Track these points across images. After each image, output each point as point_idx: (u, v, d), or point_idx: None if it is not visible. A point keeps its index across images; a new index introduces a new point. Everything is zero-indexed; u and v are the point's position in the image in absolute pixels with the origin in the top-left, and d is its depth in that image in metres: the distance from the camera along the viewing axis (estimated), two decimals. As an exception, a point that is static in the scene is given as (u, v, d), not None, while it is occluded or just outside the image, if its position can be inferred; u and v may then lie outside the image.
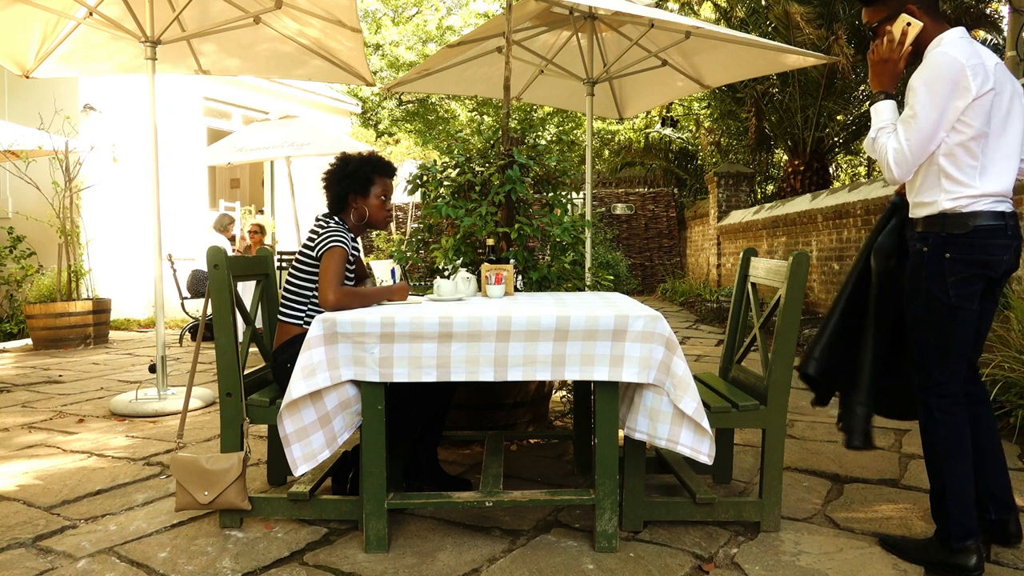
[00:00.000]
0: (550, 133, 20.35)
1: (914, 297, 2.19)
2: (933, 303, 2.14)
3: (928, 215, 2.15)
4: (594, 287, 4.16)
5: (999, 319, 4.04)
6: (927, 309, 2.16)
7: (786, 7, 9.98)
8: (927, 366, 2.19)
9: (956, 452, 2.15)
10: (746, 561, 2.22)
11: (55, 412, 4.39)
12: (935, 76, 2.06)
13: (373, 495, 2.31)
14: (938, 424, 2.17)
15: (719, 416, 2.46)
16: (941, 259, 2.11)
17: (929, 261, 2.14)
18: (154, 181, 4.58)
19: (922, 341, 2.19)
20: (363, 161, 2.84)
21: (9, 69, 5.21)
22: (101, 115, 9.22)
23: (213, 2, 4.99)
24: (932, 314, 2.15)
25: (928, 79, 2.06)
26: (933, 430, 2.18)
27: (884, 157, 2.12)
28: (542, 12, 4.78)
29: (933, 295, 2.14)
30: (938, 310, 2.14)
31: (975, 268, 2.10)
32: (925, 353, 2.19)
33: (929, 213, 2.14)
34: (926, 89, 2.05)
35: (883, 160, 2.12)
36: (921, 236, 2.17)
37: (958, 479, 2.14)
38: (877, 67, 2.20)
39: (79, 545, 2.37)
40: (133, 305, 9.69)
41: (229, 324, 2.45)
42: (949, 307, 2.12)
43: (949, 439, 2.16)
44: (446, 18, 22.49)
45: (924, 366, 2.20)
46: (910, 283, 2.21)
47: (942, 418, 2.16)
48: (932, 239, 2.14)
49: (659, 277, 14.72)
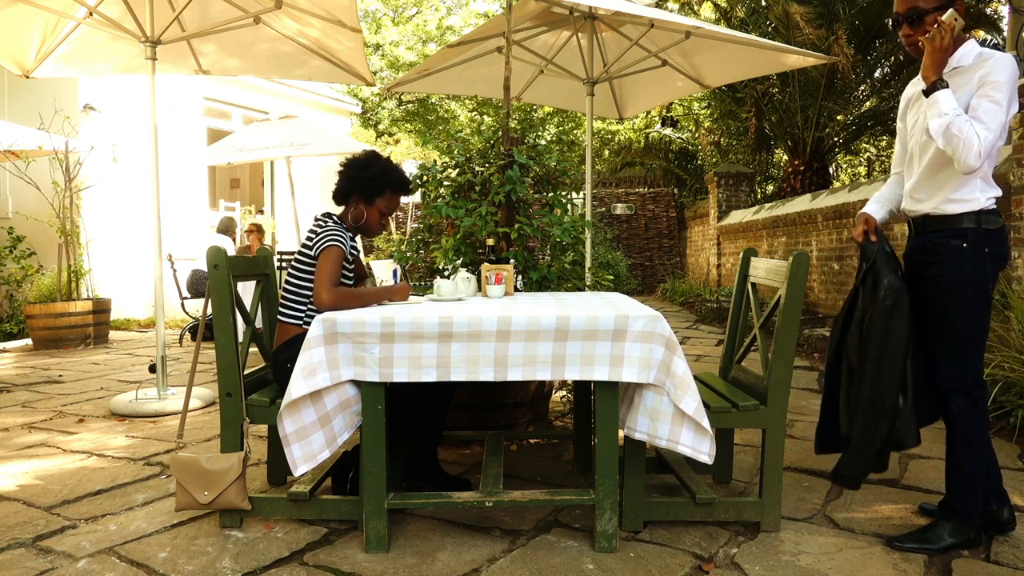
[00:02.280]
0: (550, 133, 20.36)
1: (956, 292, 2.25)
2: (977, 295, 2.24)
3: (966, 212, 2.24)
4: (594, 287, 4.16)
5: (999, 319, 4.04)
6: (970, 302, 2.24)
7: (786, 7, 9.97)
8: (966, 357, 2.27)
9: (987, 438, 2.32)
10: (746, 561, 2.22)
11: (55, 412, 4.39)
12: (1012, 77, 2.15)
13: (373, 495, 2.31)
14: (979, 412, 2.27)
15: (719, 416, 2.46)
16: (982, 253, 2.23)
17: (971, 256, 2.23)
18: (154, 181, 4.58)
19: (963, 333, 2.26)
20: (382, 171, 2.78)
21: (9, 69, 5.21)
22: (101, 115, 9.22)
23: (213, 2, 4.99)
24: (974, 305, 2.24)
25: (1010, 78, 2.14)
26: (976, 418, 2.27)
27: (970, 143, 2.10)
28: (542, 12, 4.78)
29: (978, 287, 2.24)
30: (980, 301, 2.24)
31: (1001, 262, 2.27)
32: (965, 345, 2.27)
33: (968, 210, 2.23)
34: (1008, 86, 2.14)
35: (967, 146, 2.10)
36: (959, 232, 2.25)
37: (987, 462, 2.32)
38: (938, 55, 2.17)
39: (79, 545, 2.37)
40: (133, 305, 9.69)
41: (229, 324, 2.45)
42: (988, 298, 2.26)
43: (985, 425, 2.29)
44: (446, 18, 22.48)
45: (963, 358, 2.27)
46: (949, 279, 2.25)
47: (982, 406, 2.28)
48: (972, 235, 2.23)
49: (659, 277, 14.72)
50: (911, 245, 2.41)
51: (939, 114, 2.15)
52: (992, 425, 3.69)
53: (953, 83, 2.22)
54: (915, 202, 2.35)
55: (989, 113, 2.12)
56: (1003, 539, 2.36)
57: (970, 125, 2.11)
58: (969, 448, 2.29)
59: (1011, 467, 3.10)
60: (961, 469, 2.31)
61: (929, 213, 2.30)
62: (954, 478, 2.33)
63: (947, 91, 2.17)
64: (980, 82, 2.16)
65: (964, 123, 2.11)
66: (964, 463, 2.30)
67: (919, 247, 2.36)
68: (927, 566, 2.18)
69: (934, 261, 2.29)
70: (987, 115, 2.12)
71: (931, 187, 2.29)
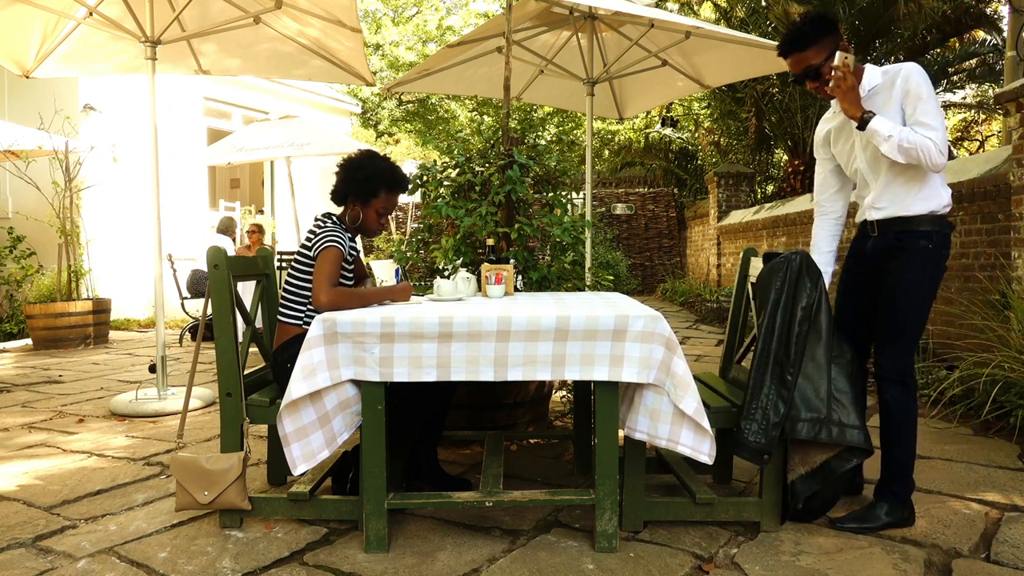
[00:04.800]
0: (550, 133, 20.35)
1: (916, 288, 2.41)
2: (930, 293, 2.43)
3: (930, 211, 2.40)
4: (594, 287, 4.16)
5: (999, 319, 4.05)
6: (924, 299, 2.42)
7: (786, 7, 9.97)
8: (908, 350, 2.45)
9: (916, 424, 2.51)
10: (746, 561, 2.22)
11: (55, 412, 4.39)
12: (925, 79, 2.35)
13: (373, 495, 2.31)
14: (913, 401, 2.46)
15: (719, 416, 2.46)
16: (940, 255, 2.42)
17: (933, 256, 2.40)
18: (154, 181, 4.58)
19: (911, 326, 2.44)
20: (376, 171, 2.76)
21: (9, 69, 5.21)
22: (101, 115, 9.22)
23: (213, 2, 4.99)
24: (927, 302, 2.43)
25: (924, 82, 2.34)
26: (910, 407, 2.45)
27: (927, 148, 2.28)
28: (542, 12, 4.78)
29: (934, 285, 2.42)
30: (931, 299, 2.44)
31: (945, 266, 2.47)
32: (908, 338, 2.45)
33: (936, 209, 2.40)
34: (928, 89, 2.33)
35: (927, 151, 2.28)
36: (925, 234, 2.40)
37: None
38: (851, 94, 2.39)
39: (79, 545, 2.37)
40: (133, 305, 9.69)
41: (229, 324, 2.45)
42: (935, 295, 2.45)
43: (916, 413, 2.49)
44: (446, 18, 22.48)
45: (906, 350, 2.45)
46: (913, 275, 2.40)
47: (914, 394, 2.47)
48: (935, 236, 2.40)
49: (659, 277, 14.72)
50: (873, 244, 2.54)
51: (884, 139, 2.33)
52: (992, 425, 3.69)
53: (875, 104, 2.42)
54: (878, 211, 2.49)
55: (927, 113, 2.31)
56: (1003, 539, 2.36)
57: (916, 133, 2.29)
58: (904, 435, 2.46)
59: (1011, 467, 3.10)
60: (897, 455, 2.47)
61: (896, 215, 2.45)
62: (893, 463, 2.48)
63: (878, 118, 2.35)
64: (903, 90, 2.36)
65: (910, 134, 2.30)
66: (900, 449, 2.46)
67: (883, 245, 2.49)
68: (927, 566, 2.18)
69: (899, 257, 2.43)
70: (925, 116, 2.31)
71: (894, 194, 2.44)
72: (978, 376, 3.79)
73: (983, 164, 4.94)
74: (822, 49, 2.44)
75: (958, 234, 5.02)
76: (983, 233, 4.77)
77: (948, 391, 3.96)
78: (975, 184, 4.81)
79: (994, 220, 4.63)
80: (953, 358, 4.44)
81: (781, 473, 2.45)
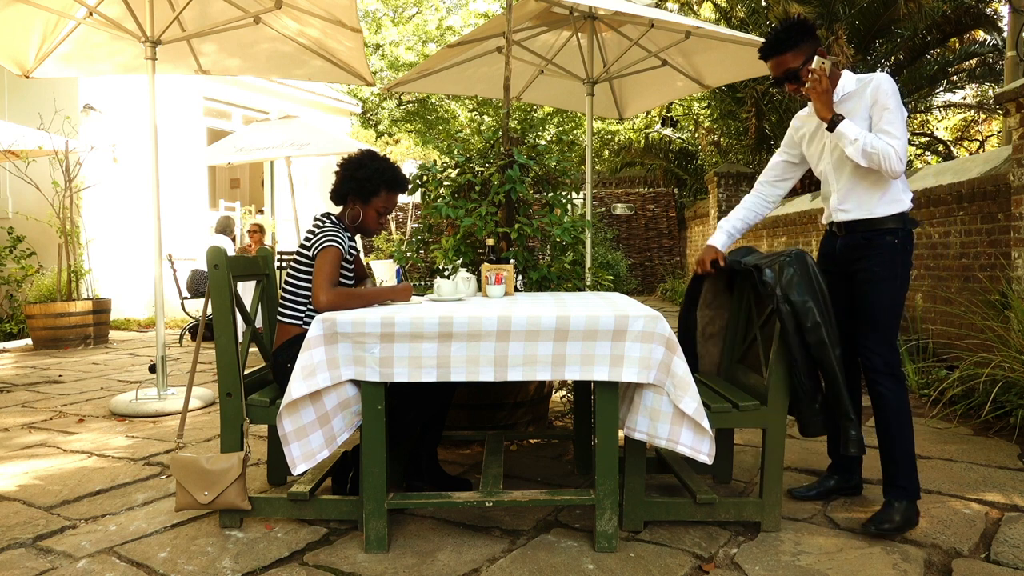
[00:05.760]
0: (550, 133, 20.35)
1: (889, 280, 2.50)
2: (904, 285, 2.52)
3: (894, 213, 2.50)
4: (594, 287, 4.16)
5: (999, 319, 4.05)
6: (898, 292, 2.50)
7: (786, 7, 9.97)
8: (892, 344, 2.50)
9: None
10: (746, 561, 2.22)
11: (55, 412, 4.39)
12: (894, 88, 2.47)
13: (373, 495, 2.31)
14: (904, 391, 2.50)
15: (719, 416, 2.46)
16: (907, 249, 2.52)
17: (900, 250, 2.51)
18: (154, 181, 4.58)
19: (891, 322, 2.50)
20: (376, 171, 2.77)
21: (9, 69, 5.21)
22: (101, 115, 9.22)
23: (213, 2, 4.99)
24: (900, 296, 2.51)
25: (893, 90, 2.46)
26: (904, 397, 2.49)
27: (888, 154, 2.38)
28: (542, 12, 4.78)
29: (905, 278, 2.52)
30: (902, 293, 2.52)
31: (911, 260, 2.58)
32: (890, 333, 2.51)
33: (897, 211, 2.50)
34: (895, 101, 2.44)
35: (888, 157, 2.39)
36: (891, 231, 2.51)
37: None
38: (824, 97, 2.48)
39: (79, 545, 2.37)
40: (133, 305, 9.69)
41: (229, 324, 2.45)
42: (907, 289, 2.56)
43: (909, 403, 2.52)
44: (446, 18, 22.48)
45: (891, 345, 2.50)
46: (885, 270, 2.50)
47: (904, 384, 2.52)
48: (901, 233, 2.51)
49: (659, 277, 14.72)
50: (842, 243, 2.61)
51: (850, 142, 2.43)
52: (992, 425, 3.69)
53: (846, 109, 2.52)
54: (844, 212, 2.59)
55: (891, 123, 2.42)
56: (1003, 539, 2.36)
57: (880, 139, 2.40)
58: (903, 426, 2.47)
59: (1011, 467, 3.10)
60: (900, 447, 2.48)
61: (861, 218, 2.54)
62: (897, 457, 2.48)
63: (847, 122, 2.45)
64: (872, 99, 2.46)
65: (874, 140, 2.40)
66: (902, 441, 2.48)
67: (852, 244, 2.58)
68: (927, 566, 2.18)
69: (869, 255, 2.52)
70: (890, 125, 2.42)
71: (858, 197, 2.54)
72: (978, 376, 3.79)
73: (983, 164, 4.94)
74: (800, 54, 2.53)
75: (958, 234, 5.02)
76: (983, 233, 4.76)
77: (948, 391, 3.96)
78: (975, 184, 4.81)
79: (994, 220, 4.63)
80: (953, 358, 4.44)
81: (781, 473, 2.45)
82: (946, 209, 5.20)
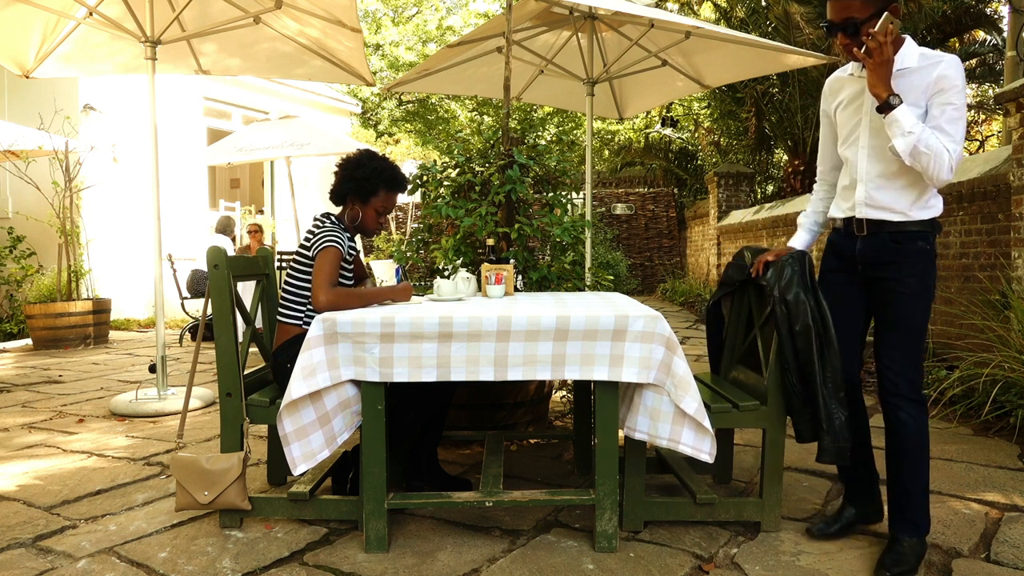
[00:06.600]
0: (550, 133, 20.35)
1: (920, 297, 2.18)
2: (933, 295, 2.22)
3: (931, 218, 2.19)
4: (594, 287, 4.16)
5: (999, 319, 4.05)
6: (929, 304, 2.20)
7: (786, 7, 9.97)
8: (919, 366, 2.20)
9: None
10: (746, 561, 2.22)
11: (55, 412, 4.39)
12: (963, 84, 2.08)
13: (373, 495, 2.31)
14: (926, 419, 2.21)
15: (719, 416, 2.46)
16: (935, 252, 2.21)
17: (931, 255, 2.20)
18: (154, 181, 4.58)
19: (920, 340, 2.20)
20: (375, 170, 2.77)
21: (9, 69, 5.21)
22: (101, 115, 9.22)
23: (213, 2, 4.99)
24: (929, 309, 2.21)
25: (962, 88, 2.07)
26: (926, 426, 2.19)
27: (941, 159, 2.03)
28: (542, 12, 4.78)
29: (935, 285, 2.23)
30: (932, 301, 2.23)
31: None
32: (917, 348, 2.20)
33: (931, 216, 2.19)
34: (962, 97, 2.06)
35: (938, 163, 2.03)
36: (923, 235, 2.18)
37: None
38: (882, 70, 2.05)
39: (79, 545, 2.37)
40: (133, 305, 9.69)
41: (229, 324, 2.45)
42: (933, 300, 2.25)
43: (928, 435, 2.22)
44: (446, 18, 22.47)
45: (918, 366, 2.20)
46: (917, 281, 2.17)
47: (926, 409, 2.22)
48: (930, 237, 2.20)
49: (659, 277, 14.72)
50: (864, 245, 2.25)
51: (903, 133, 2.04)
52: (992, 425, 3.69)
53: (901, 87, 2.10)
54: (873, 209, 2.22)
55: (953, 122, 2.05)
56: (1003, 539, 2.36)
57: (937, 139, 2.03)
58: (923, 458, 2.19)
59: (1011, 467, 3.10)
60: (917, 481, 2.19)
61: (893, 219, 2.20)
62: (911, 490, 2.19)
63: (904, 108, 2.05)
64: (936, 86, 2.07)
65: (931, 139, 2.03)
66: (920, 474, 2.19)
67: (877, 247, 2.23)
68: (927, 566, 2.18)
69: (899, 262, 2.19)
70: (950, 124, 2.05)
71: (892, 196, 2.19)
72: (978, 376, 3.79)
73: (983, 164, 4.94)
74: (871, 3, 2.08)
75: (958, 234, 5.02)
76: (983, 233, 4.76)
77: (948, 391, 3.96)
78: (975, 184, 4.81)
79: (994, 220, 4.63)
80: (953, 358, 4.44)
81: (781, 473, 2.45)
82: (946, 209, 5.19)
